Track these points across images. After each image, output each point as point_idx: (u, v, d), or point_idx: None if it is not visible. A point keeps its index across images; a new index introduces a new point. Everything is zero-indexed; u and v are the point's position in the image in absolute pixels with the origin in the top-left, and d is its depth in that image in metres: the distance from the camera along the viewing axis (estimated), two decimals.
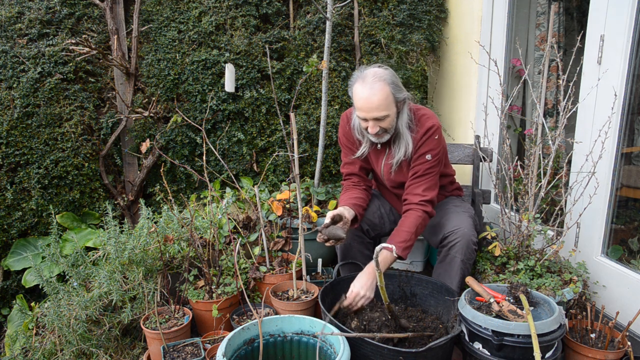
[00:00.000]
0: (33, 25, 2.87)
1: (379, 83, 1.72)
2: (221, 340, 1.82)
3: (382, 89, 1.72)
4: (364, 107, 1.75)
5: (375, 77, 1.73)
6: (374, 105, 1.72)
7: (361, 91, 1.74)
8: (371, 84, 1.72)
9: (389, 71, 1.79)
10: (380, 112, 1.74)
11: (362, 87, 1.74)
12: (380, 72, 1.76)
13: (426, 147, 1.85)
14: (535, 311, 1.64)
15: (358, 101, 1.76)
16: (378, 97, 1.72)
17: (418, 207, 1.85)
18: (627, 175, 2.14)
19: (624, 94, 1.89)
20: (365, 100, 1.73)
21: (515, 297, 1.67)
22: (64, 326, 1.90)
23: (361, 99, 1.74)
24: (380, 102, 1.72)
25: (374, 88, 1.72)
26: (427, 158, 1.86)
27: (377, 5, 3.10)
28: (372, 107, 1.73)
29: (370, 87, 1.72)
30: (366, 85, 1.73)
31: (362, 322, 1.69)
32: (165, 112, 3.02)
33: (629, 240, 2.18)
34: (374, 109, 1.73)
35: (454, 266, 1.84)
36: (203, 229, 2.31)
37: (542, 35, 2.76)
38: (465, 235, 1.83)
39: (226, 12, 3.00)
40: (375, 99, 1.72)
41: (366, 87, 1.72)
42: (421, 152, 1.86)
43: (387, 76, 1.75)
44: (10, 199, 2.68)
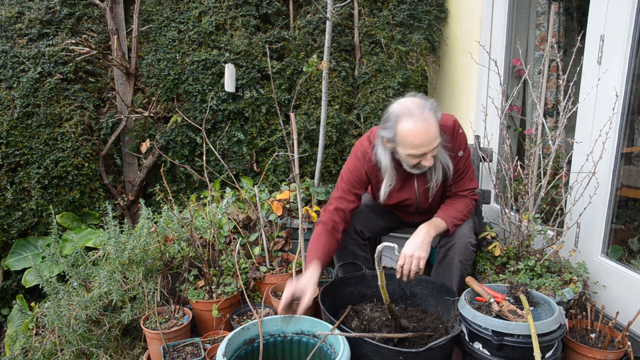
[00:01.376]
0: (33, 25, 2.87)
1: (429, 113, 1.62)
2: (221, 340, 1.82)
3: (432, 119, 1.63)
4: (424, 142, 1.62)
5: (422, 108, 1.62)
6: (432, 137, 1.63)
7: (415, 127, 1.60)
8: (423, 117, 1.60)
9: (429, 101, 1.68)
10: (437, 142, 1.66)
11: (414, 122, 1.60)
12: (422, 102, 1.65)
13: (457, 147, 1.85)
14: (535, 311, 1.64)
15: (414, 138, 1.61)
16: (434, 128, 1.62)
17: (470, 196, 1.91)
18: (627, 175, 2.14)
19: (624, 94, 1.89)
20: (424, 135, 1.61)
21: (515, 297, 1.67)
22: (64, 326, 1.90)
23: (419, 134, 1.61)
24: (436, 132, 1.64)
25: (428, 120, 1.61)
26: (460, 154, 1.87)
27: (377, 5, 3.10)
28: (430, 140, 1.63)
29: (423, 119, 1.60)
30: (419, 119, 1.60)
31: (362, 322, 1.69)
32: (165, 112, 3.02)
33: (629, 240, 2.18)
34: (433, 141, 1.64)
35: (453, 267, 1.84)
36: (203, 229, 2.31)
37: (542, 35, 2.76)
38: (464, 236, 1.83)
39: (226, 12, 3.00)
40: (433, 131, 1.62)
41: (419, 120, 1.60)
42: (455, 152, 1.85)
43: (430, 105, 1.65)
44: (10, 199, 2.68)
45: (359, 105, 3.09)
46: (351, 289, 1.92)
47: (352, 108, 3.14)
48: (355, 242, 2.02)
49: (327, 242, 1.82)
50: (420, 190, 1.93)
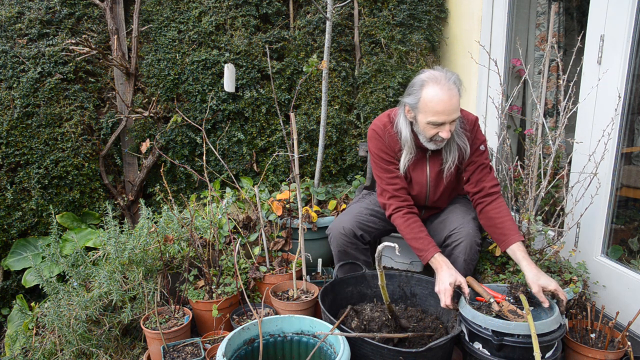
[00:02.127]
0: (33, 25, 2.87)
1: (453, 85, 1.67)
2: (221, 340, 1.82)
3: (457, 90, 1.68)
4: (445, 110, 1.66)
5: (448, 79, 1.67)
6: (454, 106, 1.67)
7: (440, 93, 1.65)
8: (448, 85, 1.65)
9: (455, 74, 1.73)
10: (457, 114, 1.70)
11: (440, 89, 1.65)
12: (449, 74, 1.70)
13: (479, 140, 1.88)
14: (535, 311, 1.64)
15: (437, 104, 1.65)
16: (456, 98, 1.67)
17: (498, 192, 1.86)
18: (627, 175, 2.14)
19: (624, 94, 1.89)
20: (447, 102, 1.65)
21: (515, 297, 1.67)
22: (64, 326, 1.90)
23: (442, 101, 1.65)
24: (458, 103, 1.69)
25: (452, 90, 1.66)
26: (482, 149, 1.88)
27: (377, 5, 3.10)
28: (452, 109, 1.67)
29: (448, 88, 1.65)
30: (444, 87, 1.65)
31: (362, 322, 1.69)
32: (165, 112, 3.02)
33: (629, 240, 2.18)
34: (454, 111, 1.68)
35: (457, 266, 1.83)
36: (203, 229, 2.31)
37: (542, 35, 2.76)
38: (469, 235, 1.82)
39: (226, 12, 3.00)
40: (455, 101, 1.67)
41: (444, 88, 1.65)
42: (477, 145, 1.87)
43: (456, 78, 1.70)
44: (10, 199, 2.68)
45: (359, 105, 3.09)
46: (351, 289, 1.92)
47: (352, 108, 3.14)
48: (356, 247, 2.01)
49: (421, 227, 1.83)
50: (432, 175, 1.92)
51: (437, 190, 1.95)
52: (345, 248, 1.99)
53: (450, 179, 1.92)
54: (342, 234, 1.98)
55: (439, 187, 1.95)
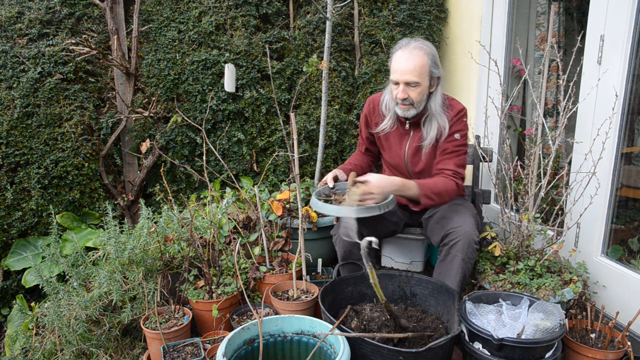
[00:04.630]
0: (33, 25, 2.87)
1: (419, 51, 1.85)
2: (221, 340, 1.82)
3: (420, 55, 1.84)
4: (399, 69, 1.84)
5: (417, 46, 1.87)
6: (409, 67, 1.82)
7: (401, 54, 1.86)
8: (411, 50, 1.85)
9: (431, 47, 1.90)
10: (412, 77, 1.83)
11: (402, 51, 1.87)
12: (423, 45, 1.88)
13: (456, 127, 1.96)
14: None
15: (395, 63, 1.87)
16: (415, 62, 1.83)
17: (451, 177, 1.94)
18: (627, 175, 2.14)
19: (624, 94, 1.89)
20: (402, 62, 1.85)
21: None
22: (64, 326, 1.90)
23: (398, 60, 1.86)
24: (415, 67, 1.82)
25: (413, 53, 1.84)
26: (456, 137, 1.96)
27: (377, 5, 3.10)
28: (406, 69, 1.83)
29: (410, 51, 1.85)
30: (407, 50, 1.86)
31: (362, 322, 1.69)
32: (165, 112, 3.03)
33: (629, 240, 2.18)
34: (408, 72, 1.83)
35: (455, 265, 1.83)
36: (203, 229, 2.31)
37: (542, 35, 2.76)
38: (467, 234, 1.82)
39: (226, 12, 3.00)
40: (411, 63, 1.83)
41: (406, 51, 1.86)
42: (452, 132, 1.96)
43: (428, 49, 1.88)
44: (10, 199, 2.68)
45: (359, 105, 3.09)
46: (351, 289, 1.92)
47: (352, 108, 3.14)
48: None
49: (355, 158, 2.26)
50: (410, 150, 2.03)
51: (416, 167, 2.05)
52: (351, 248, 2.00)
53: (429, 158, 2.02)
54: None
55: (417, 164, 2.04)
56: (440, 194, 1.90)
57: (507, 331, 1.61)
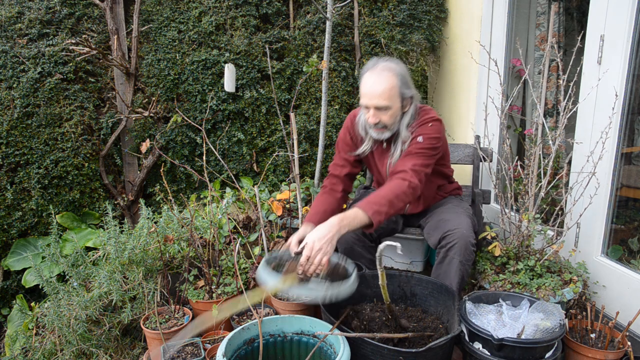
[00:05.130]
0: (33, 25, 2.87)
1: (387, 72, 1.77)
2: (221, 340, 1.82)
3: (388, 77, 1.76)
4: (367, 93, 1.78)
5: (385, 67, 1.78)
6: (377, 92, 1.75)
7: (368, 78, 1.78)
8: (379, 72, 1.77)
9: (401, 66, 1.82)
10: (382, 101, 1.76)
11: (370, 74, 1.79)
12: (391, 64, 1.80)
13: (419, 132, 1.85)
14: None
15: (363, 87, 1.80)
16: (383, 85, 1.75)
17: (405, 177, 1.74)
18: (627, 175, 2.14)
19: (624, 94, 1.89)
20: (370, 86, 1.77)
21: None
22: (64, 326, 1.90)
23: (366, 84, 1.78)
24: (384, 90, 1.75)
25: (381, 76, 1.76)
26: (419, 140, 1.83)
27: (377, 5, 3.10)
28: (375, 94, 1.76)
29: (378, 74, 1.77)
30: (374, 73, 1.78)
31: (362, 322, 1.69)
32: (165, 112, 3.03)
33: (629, 240, 2.18)
34: (377, 96, 1.76)
35: (453, 268, 1.83)
36: (203, 229, 2.31)
37: (542, 35, 2.76)
38: (464, 236, 1.82)
39: (226, 12, 3.00)
40: (380, 87, 1.75)
41: (374, 74, 1.77)
42: (414, 136, 1.85)
43: (397, 69, 1.79)
44: (10, 199, 2.68)
45: (359, 105, 3.09)
46: None
47: (352, 108, 3.13)
48: (363, 245, 2.02)
49: (323, 202, 1.96)
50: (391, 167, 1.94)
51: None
52: (352, 245, 2.00)
53: None
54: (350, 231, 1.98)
55: None
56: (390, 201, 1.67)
57: (507, 331, 1.61)
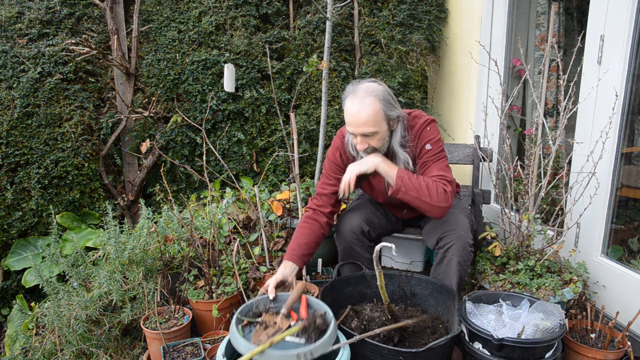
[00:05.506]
0: (33, 25, 2.87)
1: (369, 98, 1.69)
2: (221, 340, 1.82)
3: (372, 104, 1.69)
4: (353, 122, 1.72)
5: (366, 92, 1.70)
6: (362, 120, 1.69)
7: (351, 106, 1.71)
8: (361, 99, 1.69)
9: (382, 87, 1.75)
10: (368, 128, 1.71)
11: (352, 101, 1.71)
12: (372, 87, 1.72)
13: (422, 141, 1.85)
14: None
15: (347, 115, 1.73)
16: (367, 112, 1.68)
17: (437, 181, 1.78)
18: (627, 175, 2.14)
19: (624, 94, 1.89)
20: (354, 115, 1.70)
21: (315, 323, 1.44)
22: (64, 326, 1.90)
23: (350, 113, 1.71)
24: (369, 117, 1.69)
25: (364, 103, 1.69)
26: (427, 148, 1.84)
27: (377, 5, 3.10)
28: (360, 122, 1.70)
29: (360, 101, 1.69)
30: (356, 100, 1.70)
31: (362, 322, 1.69)
32: (165, 112, 3.02)
33: (629, 240, 2.18)
34: (362, 124, 1.70)
35: (451, 268, 1.84)
36: (203, 229, 2.31)
37: (542, 35, 2.76)
38: (461, 237, 1.82)
39: (226, 12, 3.00)
40: (364, 115, 1.68)
41: (356, 101, 1.70)
42: (420, 146, 1.85)
43: (379, 92, 1.71)
44: (10, 199, 2.68)
45: None
46: (351, 289, 1.92)
47: None
48: (362, 244, 2.02)
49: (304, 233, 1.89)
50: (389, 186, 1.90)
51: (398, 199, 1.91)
52: (351, 244, 2.00)
53: None
54: (350, 231, 1.98)
55: None
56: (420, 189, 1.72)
57: (507, 331, 1.61)
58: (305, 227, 1.90)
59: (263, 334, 1.43)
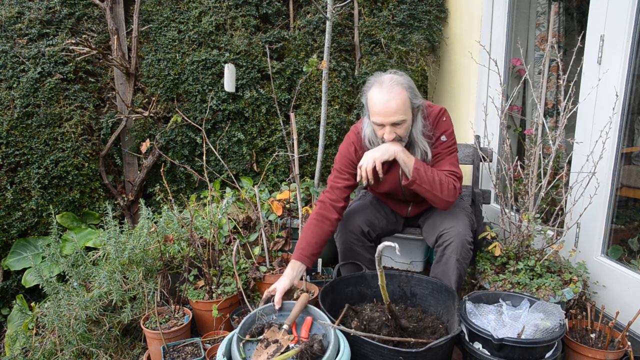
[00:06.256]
0: (33, 25, 2.87)
1: (397, 87, 1.72)
2: (221, 340, 1.82)
3: (400, 93, 1.71)
4: (382, 112, 1.72)
5: (392, 81, 1.72)
6: (392, 109, 1.71)
7: (379, 95, 1.72)
8: (389, 88, 1.71)
9: (405, 77, 1.78)
10: (398, 117, 1.72)
11: (379, 91, 1.72)
12: (397, 77, 1.75)
13: (439, 131, 1.88)
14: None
15: (375, 105, 1.73)
16: (397, 101, 1.70)
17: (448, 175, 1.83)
18: (627, 175, 2.14)
19: (624, 94, 1.89)
20: (384, 104, 1.71)
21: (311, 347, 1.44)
22: (64, 326, 1.90)
23: (379, 102, 1.72)
24: (399, 106, 1.71)
25: (393, 92, 1.70)
26: (443, 139, 1.87)
27: (377, 5, 3.10)
28: (390, 111, 1.71)
29: (388, 90, 1.71)
30: (384, 89, 1.71)
31: (362, 322, 1.69)
32: (165, 112, 3.03)
33: (629, 240, 2.18)
34: (392, 114, 1.71)
35: (450, 266, 1.84)
36: (203, 229, 2.31)
37: (542, 35, 2.76)
38: (460, 234, 1.82)
39: (226, 12, 3.00)
40: (394, 103, 1.70)
41: (384, 90, 1.71)
42: (437, 136, 1.88)
43: (404, 81, 1.75)
44: (10, 199, 2.68)
45: (359, 105, 3.09)
46: (351, 289, 1.92)
47: (352, 108, 3.14)
48: (362, 244, 2.02)
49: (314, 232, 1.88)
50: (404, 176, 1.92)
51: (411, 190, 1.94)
52: (351, 245, 2.00)
53: None
54: (350, 231, 1.98)
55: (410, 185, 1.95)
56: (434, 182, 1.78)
57: (507, 331, 1.61)
58: (315, 225, 1.89)
59: (264, 354, 1.44)
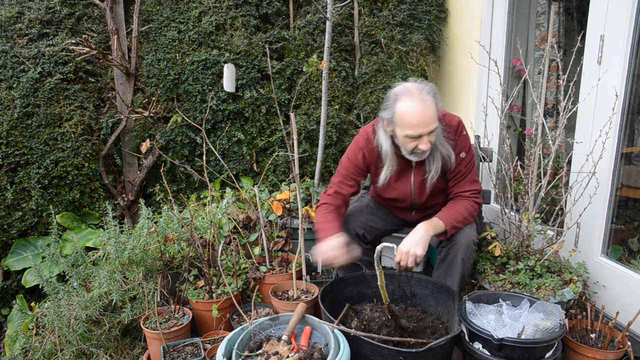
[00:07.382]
0: (33, 25, 2.87)
1: (427, 95, 1.67)
2: (221, 340, 1.82)
3: (431, 101, 1.68)
4: (421, 123, 1.66)
5: (420, 90, 1.68)
6: (429, 118, 1.67)
7: (413, 106, 1.65)
8: (422, 99, 1.65)
9: (429, 85, 1.73)
10: (434, 125, 1.69)
11: (411, 101, 1.66)
12: (421, 85, 1.71)
13: (460, 146, 1.86)
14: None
15: (412, 118, 1.66)
16: (430, 110, 1.66)
17: (471, 198, 1.88)
18: (627, 175, 2.14)
19: (623, 94, 1.89)
20: (421, 114, 1.65)
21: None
22: (64, 326, 1.90)
23: (416, 114, 1.65)
24: (434, 114, 1.68)
25: (427, 101, 1.66)
26: (462, 155, 1.87)
27: (377, 5, 3.10)
28: (427, 120, 1.66)
29: (422, 100, 1.65)
30: (417, 99, 1.65)
31: (362, 322, 1.69)
32: (165, 112, 3.02)
33: (629, 240, 2.18)
34: (429, 123, 1.67)
35: (455, 265, 1.84)
36: (203, 229, 2.31)
37: (542, 35, 2.76)
38: (466, 234, 1.83)
39: (226, 12, 3.00)
40: (430, 112, 1.66)
41: (417, 101, 1.65)
42: (457, 152, 1.86)
43: (430, 89, 1.71)
44: (10, 199, 2.68)
45: (359, 105, 3.09)
46: (351, 289, 1.92)
47: (352, 108, 3.14)
48: (358, 247, 2.02)
49: (338, 217, 1.91)
50: (416, 184, 1.93)
51: (422, 197, 1.96)
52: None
53: (435, 185, 1.91)
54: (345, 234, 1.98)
55: (423, 194, 1.96)
56: (466, 219, 1.84)
57: (507, 331, 1.61)
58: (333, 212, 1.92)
59: None
